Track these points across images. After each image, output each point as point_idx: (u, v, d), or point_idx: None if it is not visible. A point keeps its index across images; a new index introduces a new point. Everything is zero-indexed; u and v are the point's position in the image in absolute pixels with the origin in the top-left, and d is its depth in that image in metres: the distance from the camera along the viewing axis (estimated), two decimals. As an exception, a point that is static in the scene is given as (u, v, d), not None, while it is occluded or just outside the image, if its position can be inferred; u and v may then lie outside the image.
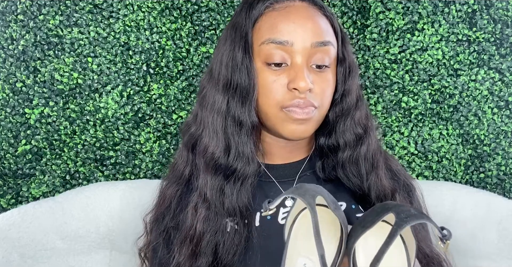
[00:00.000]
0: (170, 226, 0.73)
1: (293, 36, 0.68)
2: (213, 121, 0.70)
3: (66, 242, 1.01)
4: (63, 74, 1.22)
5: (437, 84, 1.29)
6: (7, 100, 1.20)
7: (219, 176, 0.69)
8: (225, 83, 0.70)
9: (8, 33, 1.20)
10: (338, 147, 0.74)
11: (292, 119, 0.68)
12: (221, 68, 0.70)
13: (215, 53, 0.74)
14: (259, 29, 0.69)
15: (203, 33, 1.26)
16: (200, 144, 0.72)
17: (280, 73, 0.68)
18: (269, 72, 0.68)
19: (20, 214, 0.99)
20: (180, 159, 0.76)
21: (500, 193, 1.30)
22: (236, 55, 0.69)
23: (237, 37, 0.70)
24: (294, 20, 0.68)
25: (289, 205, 0.72)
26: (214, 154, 0.69)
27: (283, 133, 0.70)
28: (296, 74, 0.67)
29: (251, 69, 0.68)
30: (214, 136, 0.70)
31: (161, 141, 1.25)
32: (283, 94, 0.68)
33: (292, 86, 0.67)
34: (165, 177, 0.80)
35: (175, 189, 0.75)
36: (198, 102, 0.75)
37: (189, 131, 0.75)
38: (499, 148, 1.30)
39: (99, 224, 1.04)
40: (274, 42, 0.68)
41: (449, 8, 1.29)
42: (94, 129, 1.23)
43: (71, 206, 1.04)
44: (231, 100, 0.69)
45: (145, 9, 1.24)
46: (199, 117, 0.73)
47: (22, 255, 0.95)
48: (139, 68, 1.24)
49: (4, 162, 1.20)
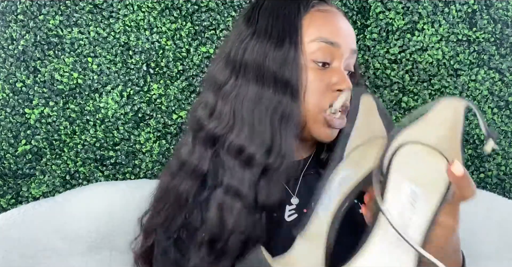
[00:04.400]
0: (184, 225, 0.69)
1: (341, 39, 0.68)
2: (254, 116, 0.66)
3: (66, 242, 1.01)
4: (63, 74, 1.22)
5: (437, 84, 1.29)
6: (7, 100, 1.20)
7: (254, 171, 0.66)
8: (271, 77, 0.66)
9: (8, 33, 1.20)
10: None
11: (328, 124, 0.69)
12: (265, 61, 0.66)
13: (240, 41, 0.69)
14: (308, 26, 0.68)
15: (203, 33, 1.26)
16: (226, 141, 0.67)
17: (324, 72, 0.68)
18: (315, 71, 0.68)
19: (20, 214, 0.99)
20: (191, 155, 0.71)
21: (500, 193, 1.30)
22: (285, 49, 0.66)
23: (285, 30, 0.67)
24: (341, 25, 0.69)
25: (294, 203, 0.72)
26: (252, 150, 0.65)
27: (316, 135, 0.70)
28: (341, 77, 0.68)
29: (301, 65, 0.66)
30: (251, 132, 0.66)
31: (161, 141, 1.25)
32: (327, 95, 0.68)
33: (338, 87, 0.67)
34: (168, 173, 0.74)
35: (189, 184, 0.70)
36: (214, 96, 0.70)
37: (203, 126, 0.70)
38: (499, 148, 1.31)
39: (99, 224, 1.04)
40: (326, 42, 0.67)
41: (449, 8, 1.29)
42: (94, 129, 1.23)
43: (71, 206, 1.04)
44: (281, 95, 0.66)
45: (145, 9, 1.24)
46: (221, 112, 0.68)
47: (22, 255, 0.95)
48: (139, 68, 1.24)
49: (4, 162, 1.20)
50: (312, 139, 0.74)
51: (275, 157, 0.65)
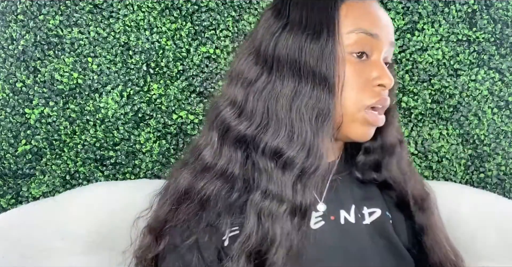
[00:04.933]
0: (209, 228, 0.64)
1: (381, 30, 0.64)
2: (291, 115, 0.61)
3: (66, 242, 1.01)
4: (63, 74, 1.22)
5: (437, 84, 1.29)
6: (7, 100, 1.20)
7: (291, 174, 0.61)
8: (308, 72, 0.61)
9: (8, 33, 1.20)
10: (382, 148, 0.70)
11: (367, 122, 0.64)
12: (301, 54, 0.62)
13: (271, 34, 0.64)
14: (346, 16, 0.64)
15: (203, 33, 1.26)
16: (260, 142, 0.63)
17: (362, 66, 0.64)
18: (353, 65, 0.63)
19: (20, 214, 0.99)
20: (218, 157, 0.65)
21: (500, 193, 1.30)
22: (322, 41, 0.62)
23: (321, 21, 0.63)
24: (381, 16, 0.65)
25: (321, 210, 0.67)
26: (291, 153, 0.61)
27: (354, 134, 0.65)
28: (382, 71, 0.63)
29: (338, 58, 0.62)
30: (289, 132, 0.61)
31: (161, 141, 1.25)
32: (367, 90, 0.63)
33: (379, 82, 0.63)
34: (188, 172, 0.67)
35: (217, 187, 0.65)
36: (243, 93, 0.65)
37: (231, 126, 0.65)
38: (499, 148, 1.30)
39: (99, 224, 1.04)
40: (365, 33, 0.63)
41: (449, 8, 1.29)
42: (94, 129, 1.23)
43: (71, 206, 1.04)
44: (319, 91, 0.61)
45: (145, 9, 1.24)
46: (253, 111, 0.63)
47: (22, 255, 0.96)
48: (139, 68, 1.24)
49: (4, 162, 1.20)
50: (344, 140, 0.69)
51: (313, 159, 0.61)
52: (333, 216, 0.66)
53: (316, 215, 0.66)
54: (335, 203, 0.67)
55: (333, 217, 0.66)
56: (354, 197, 0.69)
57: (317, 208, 0.67)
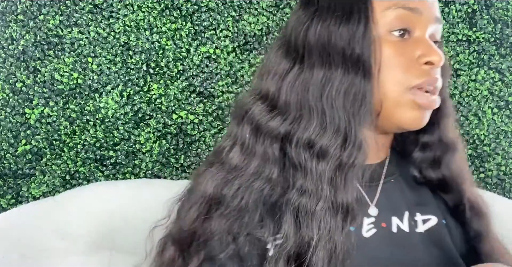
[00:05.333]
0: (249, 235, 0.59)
1: (422, 4, 0.58)
2: (322, 102, 0.57)
3: (66, 242, 1.01)
4: (63, 74, 1.22)
5: (437, 84, 1.30)
6: (7, 100, 1.20)
7: (329, 167, 0.56)
8: (338, 55, 0.57)
9: (8, 33, 1.20)
10: (442, 143, 0.65)
11: (417, 104, 0.58)
12: (331, 38, 0.57)
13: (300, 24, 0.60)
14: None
15: (203, 33, 1.26)
16: (293, 137, 0.58)
17: (404, 45, 0.58)
18: (393, 43, 0.58)
19: (20, 214, 0.99)
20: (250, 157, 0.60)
21: (500, 193, 1.30)
22: (353, 21, 0.57)
23: (352, 2, 0.59)
24: None
25: (373, 214, 0.61)
26: (324, 142, 0.56)
27: (400, 120, 0.59)
28: (427, 47, 0.58)
29: (373, 38, 0.57)
30: (321, 121, 0.57)
31: (161, 141, 1.25)
32: (413, 70, 0.57)
33: (426, 59, 0.57)
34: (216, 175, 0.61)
35: (257, 189, 0.59)
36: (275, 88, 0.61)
37: (262, 123, 0.60)
38: (499, 148, 1.30)
39: (99, 224, 1.04)
40: (403, 8, 0.58)
41: (449, 8, 1.29)
42: (94, 129, 1.23)
43: (71, 206, 1.04)
44: (352, 75, 0.56)
45: (145, 9, 1.24)
46: (286, 105, 0.59)
47: (22, 255, 0.95)
48: (139, 68, 1.24)
49: (4, 162, 1.20)
50: (394, 130, 0.63)
51: (351, 149, 0.56)
52: (384, 223, 0.61)
53: (368, 221, 0.61)
54: (386, 209, 0.62)
55: (384, 224, 0.61)
56: (407, 202, 0.63)
57: (369, 212, 0.61)
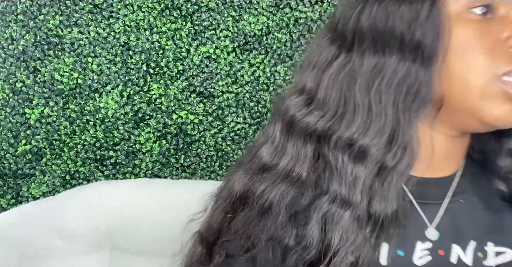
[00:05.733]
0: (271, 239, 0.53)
1: None
2: (369, 96, 0.49)
3: (66, 242, 1.01)
4: (63, 74, 1.22)
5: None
6: (7, 100, 1.20)
7: (367, 171, 0.49)
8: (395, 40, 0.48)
9: (8, 33, 1.20)
10: None
11: (509, 96, 0.48)
12: (388, 21, 0.49)
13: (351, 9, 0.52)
14: None
15: (203, 33, 1.26)
16: (332, 135, 0.51)
17: (488, 24, 0.49)
18: (473, 23, 0.48)
19: (20, 214, 0.99)
20: (280, 155, 0.54)
21: (501, 193, 1.30)
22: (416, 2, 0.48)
23: None
24: None
25: (431, 238, 0.53)
26: (365, 141, 0.49)
27: (488, 116, 0.48)
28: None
29: (441, 20, 0.48)
30: (365, 117, 0.49)
31: (161, 141, 1.25)
32: (500, 54, 0.48)
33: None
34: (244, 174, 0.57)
35: (282, 191, 0.53)
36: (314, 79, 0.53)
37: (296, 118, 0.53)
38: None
39: (99, 224, 1.04)
40: None
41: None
42: (94, 129, 1.23)
43: (71, 205, 1.04)
44: (409, 62, 0.48)
45: (145, 9, 1.24)
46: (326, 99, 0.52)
47: (22, 255, 0.95)
48: (139, 68, 1.24)
49: (4, 162, 1.20)
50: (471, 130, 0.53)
51: (396, 150, 0.49)
52: (442, 250, 0.53)
53: (422, 246, 0.52)
54: (448, 234, 0.53)
55: (441, 251, 0.52)
56: (477, 228, 0.53)
57: (426, 235, 0.53)
